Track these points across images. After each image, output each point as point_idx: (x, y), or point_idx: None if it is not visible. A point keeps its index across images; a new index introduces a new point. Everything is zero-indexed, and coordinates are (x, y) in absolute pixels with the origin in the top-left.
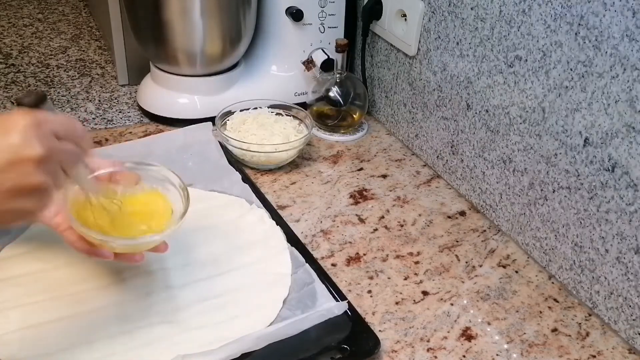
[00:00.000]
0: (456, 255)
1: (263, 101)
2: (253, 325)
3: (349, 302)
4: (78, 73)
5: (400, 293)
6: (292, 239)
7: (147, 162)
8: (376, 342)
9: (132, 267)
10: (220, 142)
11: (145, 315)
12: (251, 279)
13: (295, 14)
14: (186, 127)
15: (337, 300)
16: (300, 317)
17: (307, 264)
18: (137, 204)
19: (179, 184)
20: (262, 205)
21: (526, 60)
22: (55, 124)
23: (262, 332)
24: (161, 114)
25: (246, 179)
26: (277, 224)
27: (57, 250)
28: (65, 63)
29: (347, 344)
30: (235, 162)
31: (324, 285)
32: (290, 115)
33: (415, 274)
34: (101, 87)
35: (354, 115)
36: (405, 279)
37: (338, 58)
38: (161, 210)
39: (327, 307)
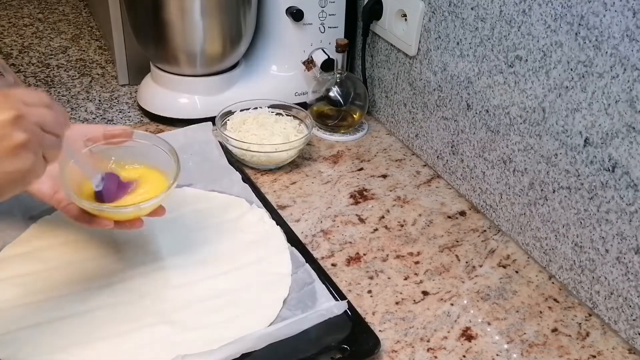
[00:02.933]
0: (456, 255)
1: (263, 101)
2: (253, 325)
3: (348, 302)
4: (78, 73)
5: (400, 293)
6: (292, 239)
7: (137, 132)
8: (376, 342)
9: (131, 267)
10: (220, 142)
11: (145, 315)
12: (251, 279)
13: (296, 14)
14: (186, 127)
15: (337, 300)
16: (300, 317)
17: (307, 264)
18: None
19: (168, 149)
20: (262, 205)
21: (526, 60)
22: (21, 94)
23: (262, 332)
24: (161, 114)
25: (246, 179)
26: (277, 224)
27: (57, 250)
28: (65, 63)
29: (347, 344)
30: (235, 162)
31: (324, 285)
32: (290, 115)
33: (415, 274)
34: (101, 87)
35: (354, 115)
36: (405, 279)
37: (338, 58)
38: (154, 178)
39: (327, 307)
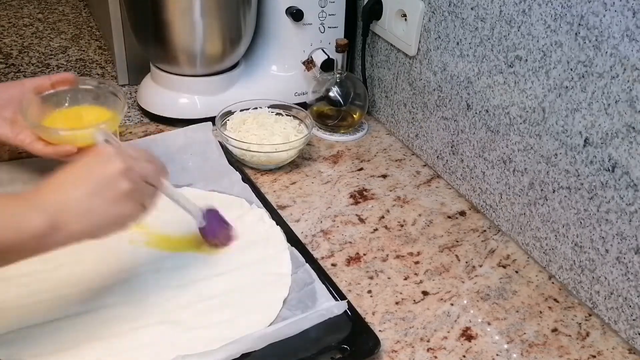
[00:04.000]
0: (456, 255)
1: (263, 101)
2: (253, 325)
3: (348, 302)
4: (78, 73)
5: (400, 293)
6: (292, 239)
7: (83, 79)
8: (376, 342)
9: (131, 268)
10: (220, 142)
11: (145, 315)
12: (251, 279)
13: (295, 14)
14: (186, 127)
15: (337, 300)
16: (300, 317)
17: (307, 264)
18: (82, 114)
19: (113, 89)
20: (262, 205)
21: (526, 60)
22: (129, 150)
23: (262, 332)
24: (161, 114)
25: (246, 179)
26: (277, 224)
27: (57, 251)
28: (65, 63)
29: (347, 344)
30: (235, 162)
31: (324, 286)
32: (290, 115)
33: (415, 274)
34: None
35: (354, 115)
36: (405, 279)
37: (338, 58)
38: (106, 113)
39: (327, 307)
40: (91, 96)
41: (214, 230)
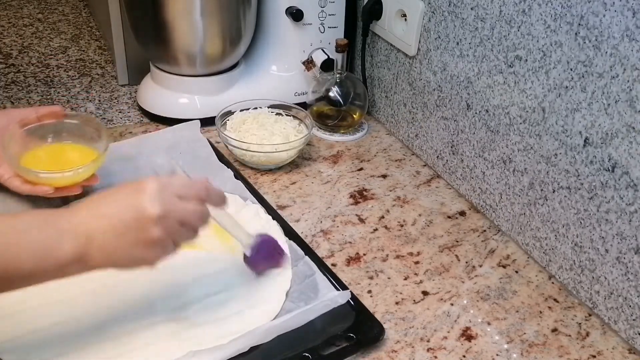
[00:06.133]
0: (456, 255)
1: (263, 101)
2: (258, 319)
3: (351, 292)
4: (78, 73)
5: (400, 293)
6: (291, 234)
7: (70, 113)
8: (380, 329)
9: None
10: (209, 141)
11: (149, 313)
12: (252, 274)
13: (295, 14)
14: (174, 126)
15: (339, 290)
16: (305, 308)
17: (306, 257)
18: (64, 151)
19: (96, 125)
20: (256, 200)
21: (526, 60)
22: (177, 186)
23: (270, 325)
24: (161, 114)
25: (238, 176)
26: (273, 219)
27: None
28: (65, 63)
29: (352, 332)
30: (225, 159)
31: (324, 277)
32: (290, 115)
33: (415, 274)
34: (101, 87)
35: (354, 115)
36: (405, 279)
37: (338, 58)
38: (87, 151)
39: (331, 297)
40: (76, 132)
41: (259, 261)
